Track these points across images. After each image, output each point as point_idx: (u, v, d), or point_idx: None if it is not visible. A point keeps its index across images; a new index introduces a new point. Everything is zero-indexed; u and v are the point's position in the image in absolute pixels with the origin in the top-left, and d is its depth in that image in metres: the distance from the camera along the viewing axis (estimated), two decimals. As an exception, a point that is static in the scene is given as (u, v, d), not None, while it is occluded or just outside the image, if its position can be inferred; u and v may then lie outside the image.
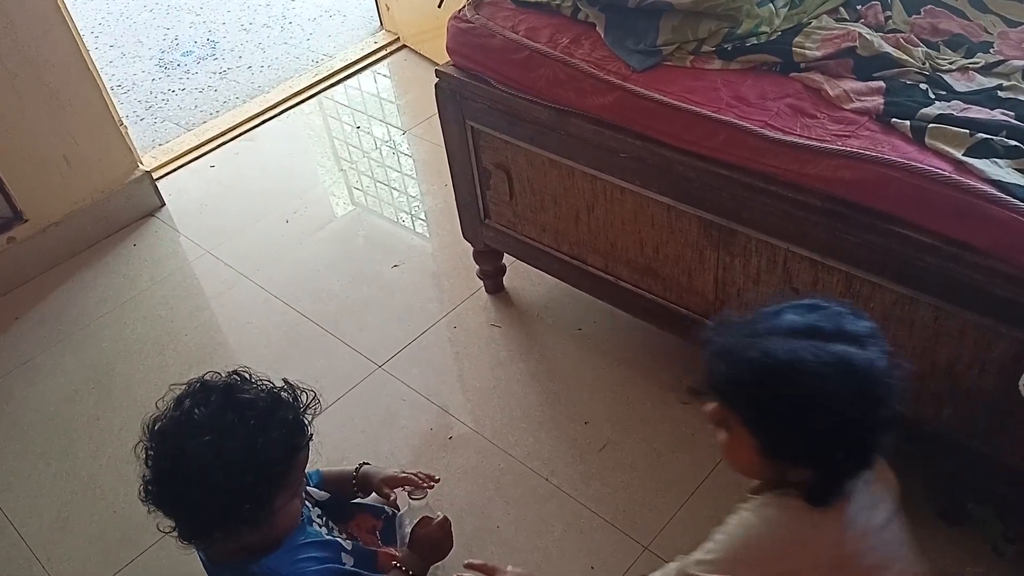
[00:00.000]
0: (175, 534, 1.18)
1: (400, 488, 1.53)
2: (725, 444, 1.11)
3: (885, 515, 1.10)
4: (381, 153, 2.94)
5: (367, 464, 1.56)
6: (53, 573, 1.85)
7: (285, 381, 1.25)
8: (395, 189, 2.80)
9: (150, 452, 1.17)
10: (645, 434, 1.90)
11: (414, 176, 2.84)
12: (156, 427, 1.17)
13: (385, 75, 3.32)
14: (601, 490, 1.82)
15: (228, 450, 1.12)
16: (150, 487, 1.16)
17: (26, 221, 2.54)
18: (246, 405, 1.17)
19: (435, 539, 1.45)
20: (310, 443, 1.24)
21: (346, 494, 1.55)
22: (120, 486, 1.96)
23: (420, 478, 1.53)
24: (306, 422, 1.23)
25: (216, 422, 1.15)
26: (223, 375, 1.22)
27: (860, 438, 1.02)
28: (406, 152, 2.94)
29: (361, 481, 1.54)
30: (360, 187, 2.84)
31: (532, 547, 1.75)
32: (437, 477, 1.57)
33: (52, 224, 2.58)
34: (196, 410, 1.16)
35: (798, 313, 1.06)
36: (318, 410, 1.25)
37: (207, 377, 1.22)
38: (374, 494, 1.55)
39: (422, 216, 2.67)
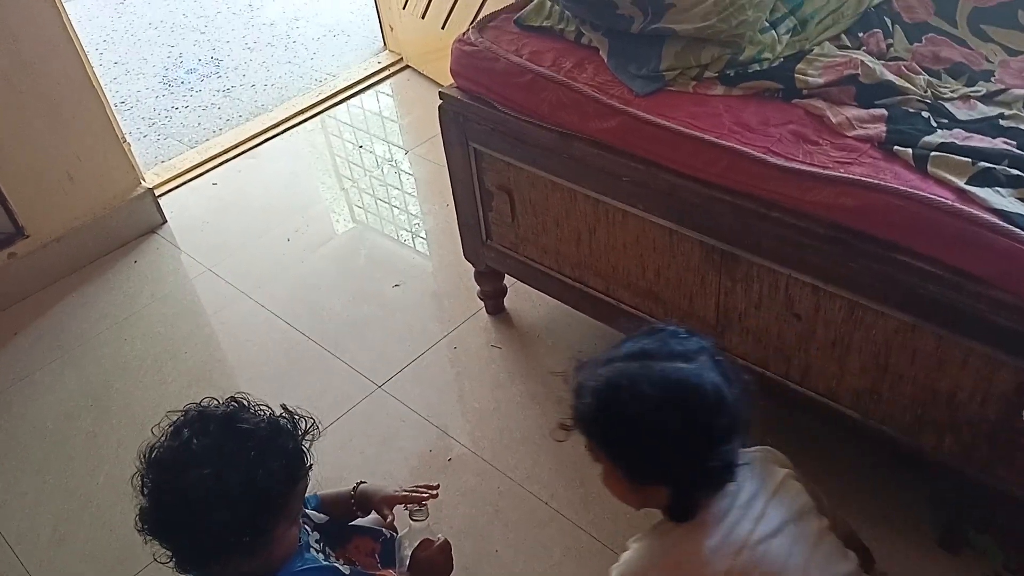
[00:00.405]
0: (171, 564, 1.16)
1: (401, 507, 1.51)
2: (602, 476, 1.17)
3: (774, 525, 1.12)
4: (383, 172, 2.95)
5: (364, 483, 1.55)
6: (48, 592, 1.84)
7: (284, 407, 1.23)
8: (396, 208, 2.81)
9: (147, 482, 1.15)
10: (645, 458, 1.89)
11: (415, 195, 2.84)
12: (153, 456, 1.15)
13: (388, 95, 3.33)
14: (600, 514, 1.81)
15: (228, 482, 1.10)
16: (147, 517, 1.14)
17: (27, 236, 2.54)
18: (246, 435, 1.15)
19: (436, 562, 1.43)
20: (310, 471, 1.23)
21: (345, 515, 1.53)
22: (117, 504, 1.95)
23: (419, 493, 1.51)
24: (305, 450, 1.21)
25: (216, 453, 1.13)
26: (221, 402, 1.20)
27: (700, 448, 1.07)
28: (408, 171, 2.95)
29: (360, 500, 1.52)
30: (361, 205, 2.85)
31: (530, 571, 1.73)
32: (436, 484, 1.53)
33: (53, 240, 2.58)
34: (195, 440, 1.14)
35: (633, 340, 1.15)
36: (317, 435, 1.24)
37: (205, 404, 1.19)
38: (373, 513, 1.54)
39: (423, 235, 2.67)
